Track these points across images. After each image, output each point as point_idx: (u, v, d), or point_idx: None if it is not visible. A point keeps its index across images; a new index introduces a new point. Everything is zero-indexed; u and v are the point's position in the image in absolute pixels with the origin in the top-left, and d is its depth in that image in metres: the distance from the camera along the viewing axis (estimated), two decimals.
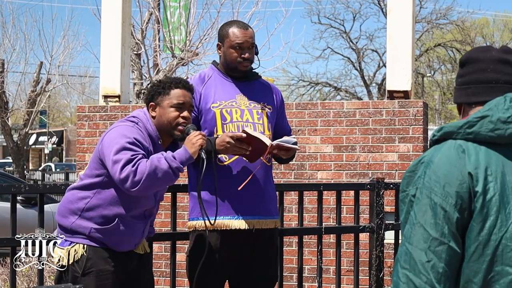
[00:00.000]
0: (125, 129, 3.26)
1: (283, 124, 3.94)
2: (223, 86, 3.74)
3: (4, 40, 20.48)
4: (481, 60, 2.10)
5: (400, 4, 6.34)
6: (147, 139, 3.29)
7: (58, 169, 34.30)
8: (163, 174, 3.13)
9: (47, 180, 27.56)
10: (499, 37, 37.31)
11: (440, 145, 2.01)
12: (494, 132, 1.95)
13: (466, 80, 2.11)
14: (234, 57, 3.70)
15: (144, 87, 12.76)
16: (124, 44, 6.90)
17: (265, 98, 3.83)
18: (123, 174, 3.10)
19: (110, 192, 3.29)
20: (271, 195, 3.79)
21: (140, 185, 3.10)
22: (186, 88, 3.41)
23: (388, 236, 4.84)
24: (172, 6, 11.97)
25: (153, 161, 3.14)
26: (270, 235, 3.77)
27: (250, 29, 3.76)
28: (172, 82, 3.40)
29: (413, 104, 6.13)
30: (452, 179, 1.92)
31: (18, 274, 5.87)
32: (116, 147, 3.16)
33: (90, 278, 3.29)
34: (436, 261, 1.89)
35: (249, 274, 3.74)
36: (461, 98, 2.13)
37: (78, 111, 6.93)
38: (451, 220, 1.90)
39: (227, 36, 3.71)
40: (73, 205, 3.33)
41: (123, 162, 3.11)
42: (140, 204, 3.35)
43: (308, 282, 6.02)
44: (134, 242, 3.41)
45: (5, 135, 21.00)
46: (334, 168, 6.23)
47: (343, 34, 31.29)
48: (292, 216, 6.08)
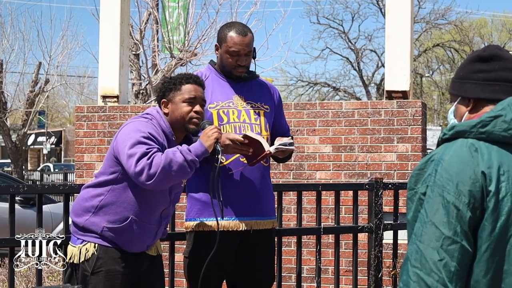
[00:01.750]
0: (139, 124, 3.28)
1: (281, 123, 3.94)
2: (220, 87, 3.75)
3: (2, 40, 20.46)
4: (505, 58, 2.07)
5: (399, 4, 6.34)
6: (161, 135, 3.30)
7: (56, 169, 34.27)
8: (178, 166, 3.14)
9: (45, 180, 27.53)
10: (497, 37, 37.35)
11: (451, 143, 1.98)
12: (507, 132, 1.94)
13: (493, 76, 2.06)
14: (229, 63, 3.71)
15: (142, 87, 12.77)
16: (123, 44, 6.89)
17: (263, 97, 3.83)
18: (138, 167, 3.10)
19: (126, 193, 3.28)
20: (268, 196, 3.79)
21: (155, 178, 3.10)
22: (197, 83, 3.43)
23: (386, 236, 4.84)
24: (171, 6, 11.97)
25: (168, 154, 3.15)
26: (267, 235, 3.78)
27: (249, 34, 3.73)
28: (183, 78, 3.43)
29: (412, 104, 6.13)
30: (465, 177, 1.90)
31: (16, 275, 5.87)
32: (131, 142, 3.17)
33: (99, 277, 3.29)
34: (449, 260, 1.87)
35: (247, 274, 3.74)
36: (485, 94, 2.07)
37: (76, 111, 6.92)
38: (464, 219, 1.88)
39: (225, 40, 3.71)
40: (87, 203, 3.33)
41: (138, 156, 3.12)
42: (156, 206, 3.34)
43: (306, 282, 6.02)
44: (145, 243, 3.39)
45: (4, 136, 20.99)
46: (333, 168, 6.23)
47: (341, 34, 31.34)
48: (291, 216, 6.08)
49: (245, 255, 3.71)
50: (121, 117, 6.66)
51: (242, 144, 3.50)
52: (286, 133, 3.93)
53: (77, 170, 6.80)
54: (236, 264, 3.71)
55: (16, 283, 6.12)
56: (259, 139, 3.52)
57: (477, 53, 2.13)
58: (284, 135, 3.87)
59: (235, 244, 3.66)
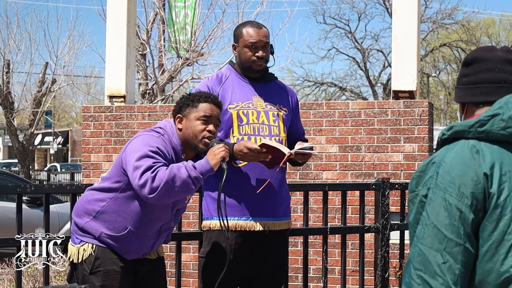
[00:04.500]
0: (149, 138, 3.29)
1: (297, 126, 3.96)
2: (240, 87, 3.76)
3: (9, 41, 20.50)
4: (488, 59, 2.09)
5: (405, 4, 6.33)
6: (170, 151, 3.31)
7: (63, 169, 34.35)
8: (182, 182, 3.14)
9: (52, 180, 27.60)
10: (504, 37, 37.24)
11: (452, 145, 1.98)
12: (506, 130, 1.94)
13: (473, 79, 2.09)
14: (249, 56, 3.72)
15: (149, 87, 12.78)
16: (129, 44, 6.90)
17: (281, 100, 3.85)
18: (142, 180, 3.12)
19: (128, 204, 3.29)
20: (284, 197, 3.82)
21: (158, 191, 3.11)
22: (215, 103, 3.43)
23: (393, 236, 4.83)
24: (178, 6, 11.98)
25: (172, 169, 3.15)
26: (282, 235, 3.80)
27: (264, 28, 3.77)
28: (202, 96, 3.42)
29: (419, 104, 6.12)
30: (467, 179, 1.90)
31: (23, 274, 5.88)
32: (138, 154, 3.19)
33: (97, 278, 3.31)
34: (453, 263, 1.86)
35: (260, 274, 3.76)
36: (467, 98, 2.11)
37: (83, 111, 6.93)
38: (467, 221, 1.88)
39: (241, 35, 3.73)
40: (89, 206, 3.35)
41: (144, 169, 3.14)
42: (155, 220, 3.35)
43: (313, 282, 6.01)
44: (142, 252, 3.41)
45: (11, 136, 21.05)
46: (340, 168, 6.22)
47: (348, 34, 31.30)
48: (298, 216, 6.08)
49: (260, 255, 3.72)
50: (128, 117, 6.67)
51: (260, 152, 3.51)
52: (301, 136, 3.96)
53: (84, 170, 6.82)
54: (250, 264, 3.72)
55: (24, 282, 6.13)
56: (277, 146, 3.53)
57: (465, 58, 2.17)
58: (299, 138, 3.90)
59: (250, 244, 3.68)
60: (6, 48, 20.41)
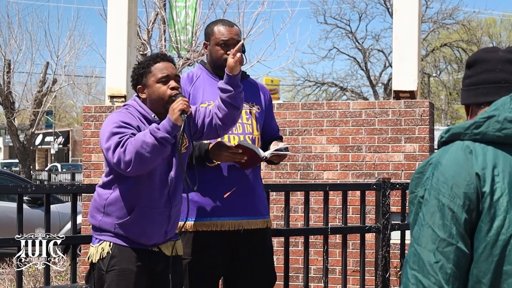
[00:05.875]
0: (111, 117, 3.33)
1: (271, 123, 3.93)
2: (212, 86, 3.71)
3: (10, 41, 20.53)
4: (488, 60, 2.10)
5: (406, 4, 6.33)
6: (138, 121, 3.31)
7: (64, 169, 34.37)
8: (151, 147, 3.14)
9: (53, 180, 27.62)
10: (506, 37, 37.23)
11: (448, 146, 2.00)
12: (501, 132, 1.95)
13: (475, 80, 2.11)
14: (220, 55, 3.69)
15: None
16: (130, 44, 6.90)
17: (254, 97, 3.82)
18: (115, 158, 3.16)
19: (127, 186, 3.31)
20: (259, 195, 3.78)
21: (132, 164, 3.14)
22: (166, 59, 3.41)
23: (394, 236, 4.83)
24: (178, 6, 11.97)
25: (138, 137, 3.17)
26: (262, 235, 3.76)
27: (236, 26, 3.76)
28: (151, 59, 3.41)
29: (419, 104, 6.12)
30: (459, 180, 1.91)
31: (24, 274, 5.89)
32: (106, 136, 3.23)
33: (113, 276, 3.32)
34: (445, 262, 1.89)
35: (243, 275, 3.73)
36: (470, 99, 2.12)
37: (84, 111, 6.94)
38: (459, 221, 1.90)
39: (213, 34, 3.71)
40: (97, 203, 3.38)
41: (113, 147, 3.18)
42: (157, 188, 3.32)
43: (314, 282, 6.01)
44: (162, 229, 3.36)
45: (12, 136, 21.07)
46: (340, 168, 6.22)
47: (349, 34, 31.27)
48: (298, 216, 6.08)
49: (240, 256, 3.69)
50: None
51: (235, 153, 3.51)
52: (276, 133, 3.93)
53: (85, 170, 6.82)
54: (232, 265, 3.70)
55: (24, 282, 6.13)
56: (252, 148, 3.54)
57: (467, 59, 2.18)
58: (274, 135, 3.88)
59: (229, 244, 3.65)
60: (7, 48, 20.45)
